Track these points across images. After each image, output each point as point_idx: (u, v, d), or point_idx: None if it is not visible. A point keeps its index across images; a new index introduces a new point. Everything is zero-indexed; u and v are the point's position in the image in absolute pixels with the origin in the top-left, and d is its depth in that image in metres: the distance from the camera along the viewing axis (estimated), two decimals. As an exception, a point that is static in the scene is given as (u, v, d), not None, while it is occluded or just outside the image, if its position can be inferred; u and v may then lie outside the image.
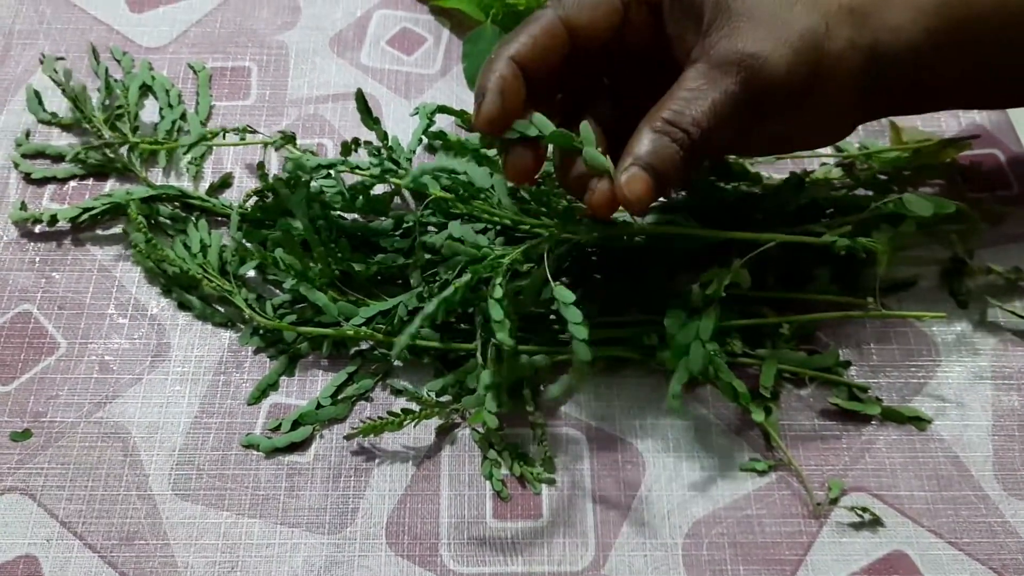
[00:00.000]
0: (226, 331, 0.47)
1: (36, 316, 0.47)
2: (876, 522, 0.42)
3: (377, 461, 0.43)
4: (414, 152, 0.51)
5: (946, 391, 0.45)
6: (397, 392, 0.45)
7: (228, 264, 0.47)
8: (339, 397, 0.45)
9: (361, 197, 0.48)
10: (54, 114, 0.54)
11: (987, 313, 0.48)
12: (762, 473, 0.43)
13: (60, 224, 0.50)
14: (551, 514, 0.42)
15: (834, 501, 0.42)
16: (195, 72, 0.57)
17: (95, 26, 0.59)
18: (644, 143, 0.37)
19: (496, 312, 0.39)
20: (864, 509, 0.41)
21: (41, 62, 0.55)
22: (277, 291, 0.48)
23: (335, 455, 0.43)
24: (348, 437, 0.43)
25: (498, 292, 0.40)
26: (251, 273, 0.48)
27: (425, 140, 0.51)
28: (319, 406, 0.44)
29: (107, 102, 0.54)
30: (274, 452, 0.43)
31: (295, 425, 0.44)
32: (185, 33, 0.59)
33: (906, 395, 0.45)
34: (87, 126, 0.53)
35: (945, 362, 0.46)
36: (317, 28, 0.59)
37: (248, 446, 0.43)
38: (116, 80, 0.55)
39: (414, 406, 0.43)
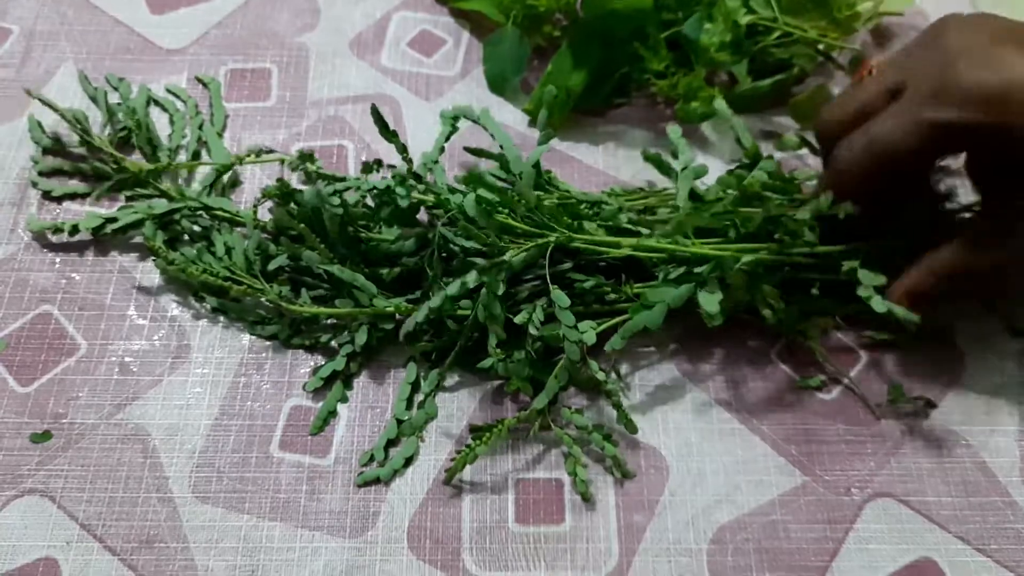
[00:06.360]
0: (245, 334, 0.47)
1: (56, 317, 0.47)
2: (903, 528, 0.41)
3: (398, 464, 0.43)
4: (435, 162, 0.50)
5: (972, 396, 0.45)
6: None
7: (254, 264, 0.47)
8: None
9: (385, 208, 0.47)
10: (57, 138, 0.53)
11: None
12: (817, 389, 0.45)
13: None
14: (574, 519, 0.42)
15: (893, 401, 0.44)
16: (205, 85, 0.56)
17: (116, 27, 0.59)
18: (911, 276, 0.43)
19: (495, 308, 0.41)
20: (891, 515, 0.41)
21: (29, 94, 0.52)
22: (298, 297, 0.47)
23: (356, 458, 0.43)
24: (447, 481, 0.42)
25: (499, 288, 0.41)
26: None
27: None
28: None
29: (108, 127, 0.53)
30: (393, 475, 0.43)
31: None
32: (206, 35, 0.59)
33: (933, 398, 0.45)
34: (86, 147, 0.52)
35: (971, 366, 0.46)
36: (337, 30, 0.59)
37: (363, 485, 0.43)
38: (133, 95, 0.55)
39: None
